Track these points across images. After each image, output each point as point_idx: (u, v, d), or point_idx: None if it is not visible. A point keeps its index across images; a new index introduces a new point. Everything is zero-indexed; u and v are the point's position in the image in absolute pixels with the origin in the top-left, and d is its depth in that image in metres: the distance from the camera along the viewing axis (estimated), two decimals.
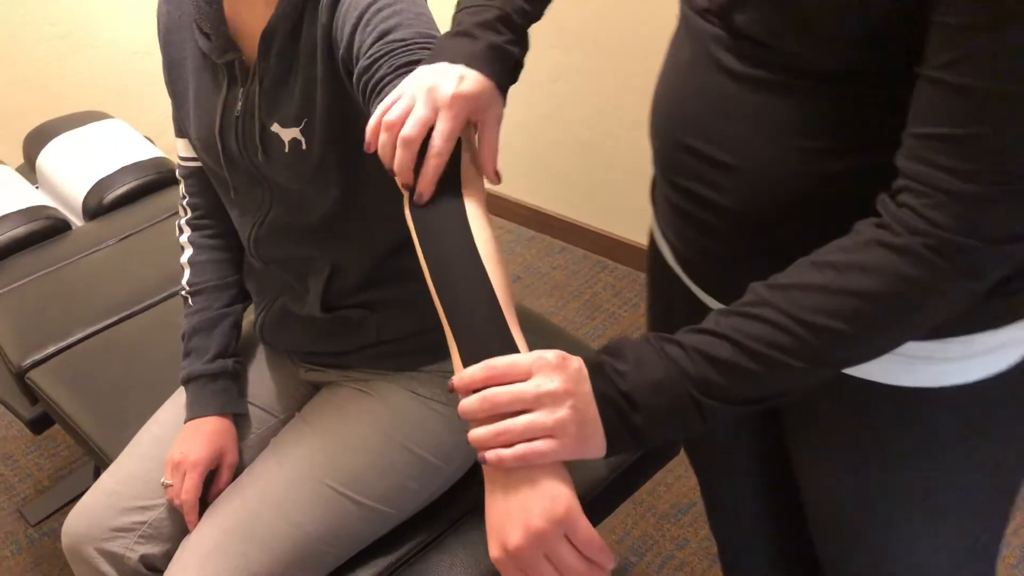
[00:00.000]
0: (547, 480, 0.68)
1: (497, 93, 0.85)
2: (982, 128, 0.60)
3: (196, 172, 1.26)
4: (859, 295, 0.66)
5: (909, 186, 0.64)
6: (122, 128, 2.33)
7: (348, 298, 1.15)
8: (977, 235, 0.63)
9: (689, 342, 0.69)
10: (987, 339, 0.78)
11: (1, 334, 1.74)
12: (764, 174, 0.76)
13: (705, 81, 0.81)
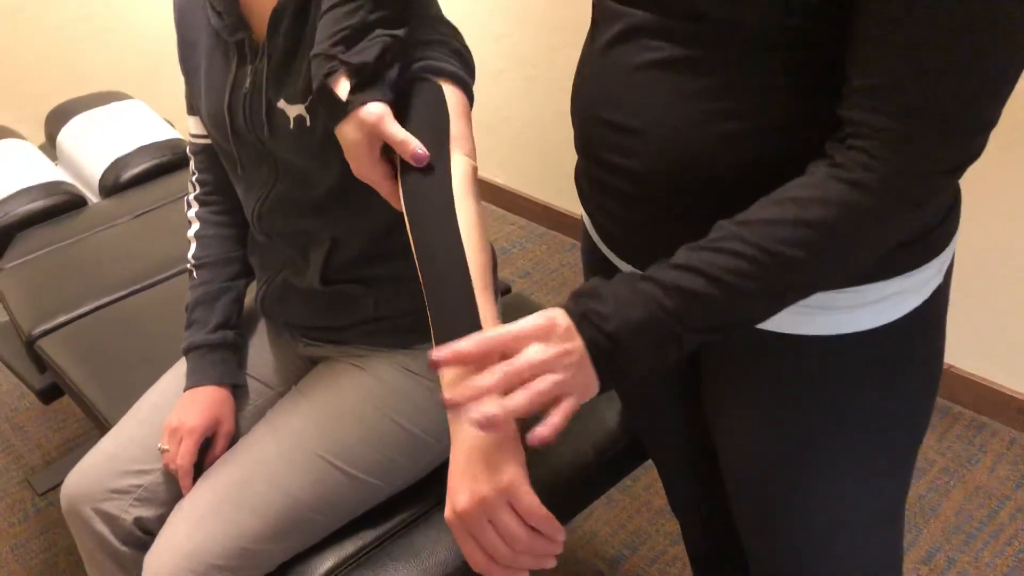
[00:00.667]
0: (498, 451, 0.73)
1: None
2: (907, 75, 0.66)
3: (206, 149, 1.29)
4: (819, 225, 0.70)
5: (855, 131, 0.70)
6: (141, 109, 2.38)
7: (347, 272, 1.18)
8: (917, 168, 0.69)
9: (664, 278, 0.73)
10: (876, 290, 0.84)
11: (14, 303, 1.78)
12: (669, 136, 0.80)
13: (617, 58, 0.85)
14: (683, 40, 0.79)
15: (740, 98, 0.78)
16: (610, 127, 0.87)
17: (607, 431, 1.34)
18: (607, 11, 0.87)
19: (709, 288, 0.72)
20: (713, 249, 0.73)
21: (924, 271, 0.86)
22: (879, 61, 0.67)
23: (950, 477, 1.96)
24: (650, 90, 0.82)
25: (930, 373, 0.94)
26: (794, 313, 0.86)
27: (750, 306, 0.74)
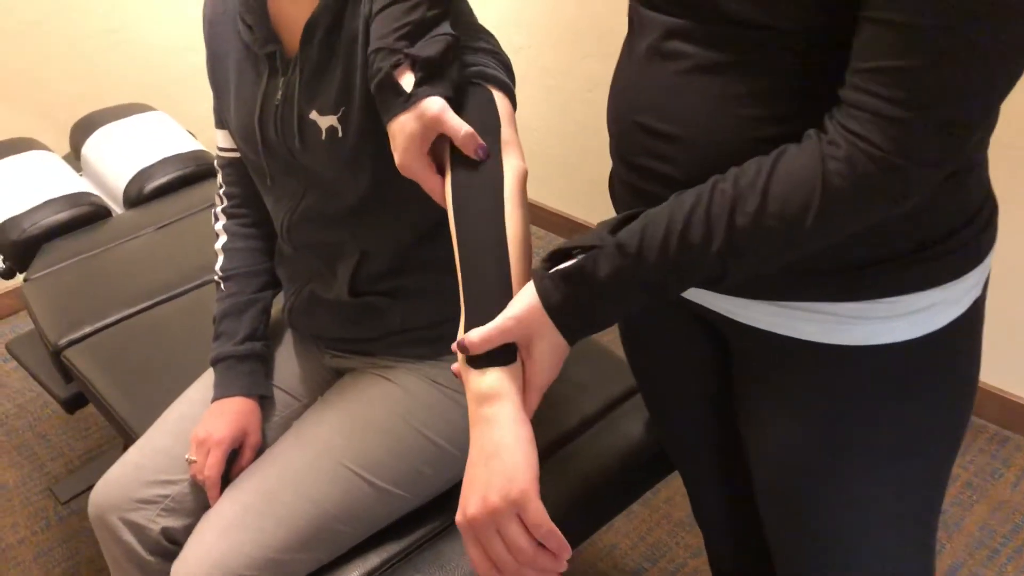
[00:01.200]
0: (512, 460, 0.74)
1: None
2: (911, 61, 0.66)
3: (233, 162, 1.31)
4: (799, 201, 0.72)
5: (851, 112, 0.70)
6: (165, 121, 2.40)
7: (375, 284, 1.19)
8: (906, 155, 0.69)
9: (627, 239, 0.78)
10: (912, 301, 0.84)
11: (40, 313, 1.80)
12: (708, 143, 0.81)
13: (656, 66, 0.86)
14: (721, 45, 0.79)
15: (779, 102, 0.78)
16: (648, 133, 0.87)
17: (631, 444, 1.34)
18: (644, 18, 0.87)
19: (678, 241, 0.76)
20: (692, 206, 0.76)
21: (963, 282, 0.86)
22: (882, 44, 0.68)
23: (973, 491, 1.95)
24: (689, 96, 0.83)
25: (966, 385, 0.93)
26: (830, 323, 0.86)
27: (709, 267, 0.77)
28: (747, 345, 0.97)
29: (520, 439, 0.76)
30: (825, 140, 0.72)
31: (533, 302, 0.79)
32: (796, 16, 0.74)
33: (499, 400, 0.77)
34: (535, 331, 0.80)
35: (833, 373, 0.90)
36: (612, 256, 0.78)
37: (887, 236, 0.82)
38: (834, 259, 0.84)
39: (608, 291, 0.79)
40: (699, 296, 0.96)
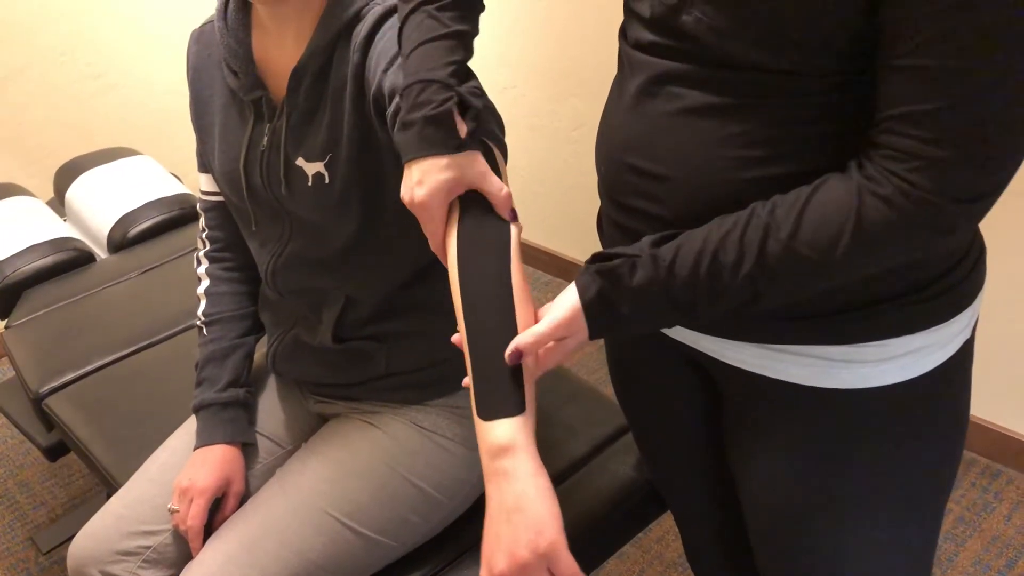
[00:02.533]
0: (537, 513, 0.73)
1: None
2: (940, 103, 0.67)
3: (217, 206, 1.30)
4: (841, 233, 0.72)
5: (888, 154, 0.70)
6: (150, 165, 2.39)
7: (360, 330, 1.17)
8: (946, 194, 0.69)
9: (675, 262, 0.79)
10: (900, 345, 0.84)
11: (21, 361, 1.77)
12: (699, 183, 0.81)
13: (646, 106, 0.86)
14: (714, 88, 0.80)
15: (772, 144, 0.78)
16: (637, 173, 0.87)
17: (621, 485, 1.33)
18: (635, 61, 0.87)
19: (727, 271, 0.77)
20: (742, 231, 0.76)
21: (951, 325, 0.85)
22: (909, 89, 0.68)
23: (966, 526, 1.94)
24: (679, 137, 0.83)
25: (957, 427, 0.93)
26: (819, 366, 0.86)
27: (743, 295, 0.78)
28: (736, 387, 0.96)
29: (541, 490, 0.74)
30: (865, 175, 0.72)
31: (575, 306, 0.81)
32: (802, 61, 0.74)
33: (514, 452, 0.76)
34: (575, 331, 0.81)
35: (822, 416, 0.90)
36: (647, 265, 0.79)
37: (874, 280, 0.82)
38: (822, 303, 0.84)
39: (638, 299, 0.80)
40: (688, 337, 0.96)
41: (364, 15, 1.02)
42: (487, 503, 0.76)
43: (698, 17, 0.77)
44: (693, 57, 0.80)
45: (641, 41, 0.86)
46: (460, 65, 0.89)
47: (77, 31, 2.71)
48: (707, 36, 0.77)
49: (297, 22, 1.07)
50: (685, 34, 0.79)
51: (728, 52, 0.77)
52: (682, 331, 0.96)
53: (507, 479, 0.75)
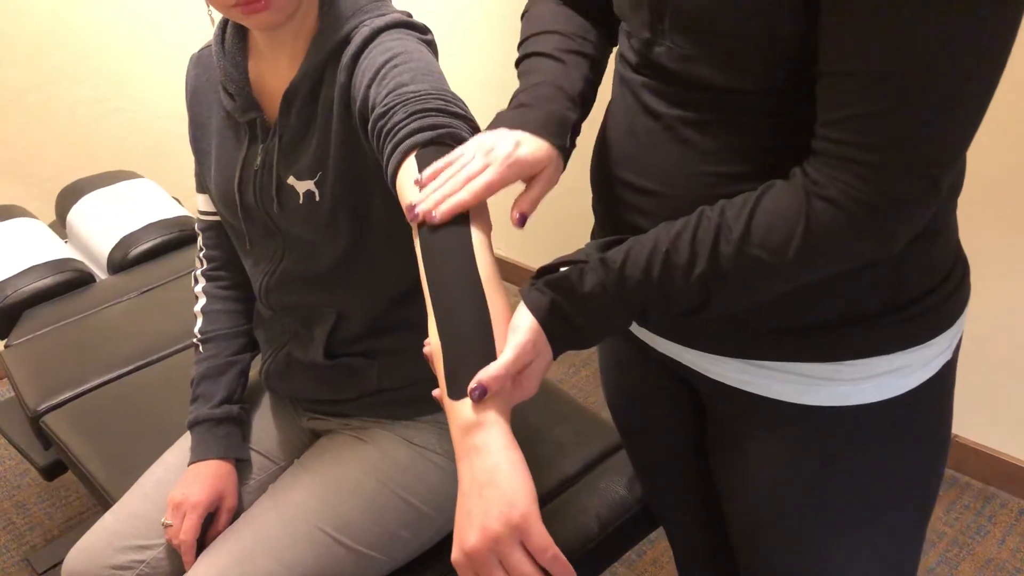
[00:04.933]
0: (510, 485, 0.70)
1: (556, 155, 0.87)
2: (871, 107, 0.69)
3: (214, 226, 1.32)
4: (789, 233, 0.74)
5: (827, 160, 0.73)
6: (150, 187, 2.42)
7: (351, 346, 1.19)
8: (884, 196, 0.71)
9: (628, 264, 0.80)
10: (878, 364, 0.85)
11: (20, 380, 1.79)
12: (681, 197, 0.83)
13: (635, 123, 0.89)
14: (692, 107, 0.82)
15: (742, 159, 0.81)
16: (628, 187, 0.90)
17: (612, 503, 1.34)
18: (625, 80, 0.91)
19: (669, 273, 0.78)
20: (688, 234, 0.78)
21: (931, 346, 0.87)
22: (842, 95, 0.71)
23: (960, 549, 1.94)
24: (662, 152, 0.86)
25: (938, 446, 0.94)
26: (799, 383, 0.88)
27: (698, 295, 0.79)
28: (719, 402, 0.98)
29: (514, 463, 0.71)
30: (810, 179, 0.74)
31: (534, 326, 0.78)
32: (759, 79, 0.77)
33: (486, 426, 0.73)
34: (540, 351, 0.78)
35: (802, 433, 0.91)
36: (597, 270, 0.79)
37: (853, 298, 0.84)
38: (802, 319, 0.85)
39: (591, 305, 0.79)
40: (673, 351, 0.98)
41: (352, 37, 1.05)
42: (459, 483, 0.73)
43: (669, 47, 0.81)
44: (671, 80, 0.83)
45: (630, 65, 0.89)
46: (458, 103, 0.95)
47: (82, 55, 2.75)
48: (677, 63, 0.81)
49: (291, 46, 1.09)
50: (660, 62, 0.83)
51: (697, 75, 0.80)
52: (668, 345, 0.98)
53: (479, 454, 0.72)
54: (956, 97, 0.68)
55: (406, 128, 0.91)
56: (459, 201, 0.81)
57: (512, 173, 0.83)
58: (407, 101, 0.94)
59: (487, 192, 0.82)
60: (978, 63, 0.67)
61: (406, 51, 1.01)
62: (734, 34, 0.76)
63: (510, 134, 0.85)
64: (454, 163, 0.84)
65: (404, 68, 0.98)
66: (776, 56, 0.75)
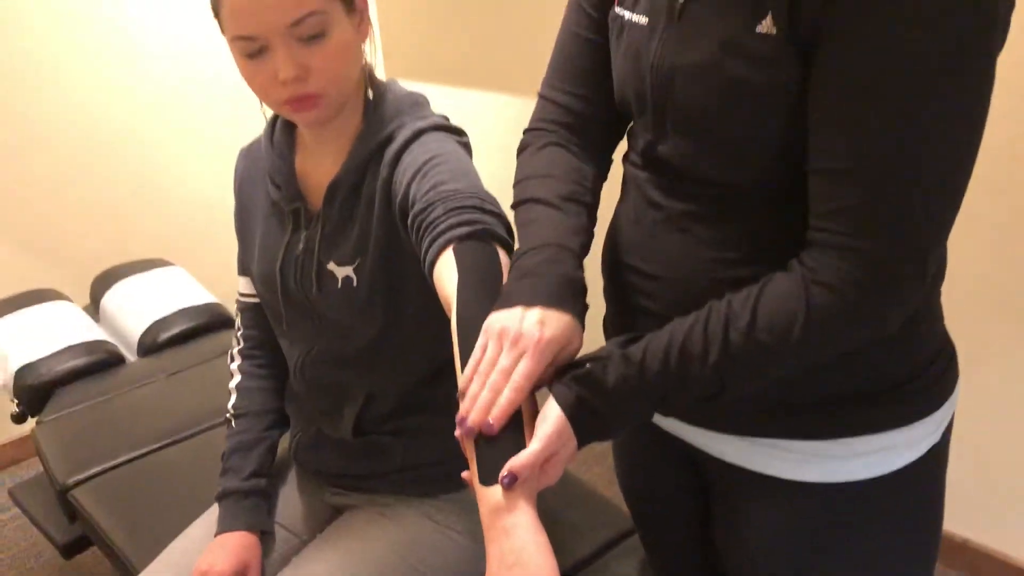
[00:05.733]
0: (536, 565, 0.76)
1: (578, 324, 0.89)
2: (853, 200, 0.77)
3: (253, 307, 1.40)
4: (791, 317, 0.80)
5: (822, 249, 0.80)
6: (181, 275, 2.52)
7: (379, 424, 1.25)
8: (872, 280, 0.78)
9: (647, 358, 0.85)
10: (865, 443, 0.91)
11: (50, 455, 1.85)
12: (681, 282, 0.91)
13: (641, 214, 0.97)
14: (692, 200, 0.91)
15: (740, 246, 0.89)
16: (635, 272, 0.98)
17: None
18: (632, 177, 1.00)
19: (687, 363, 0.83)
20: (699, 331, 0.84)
21: (918, 427, 0.93)
22: (828, 189, 0.79)
23: None
24: (667, 241, 0.94)
25: (927, 527, 0.99)
26: (792, 460, 0.93)
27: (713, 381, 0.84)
28: (720, 478, 1.03)
29: (540, 545, 0.77)
30: (807, 267, 0.81)
31: (560, 418, 0.82)
32: (753, 175, 0.86)
33: (515, 511, 0.78)
34: (565, 441, 0.83)
35: (797, 508, 0.97)
36: (619, 365, 0.85)
37: (843, 379, 0.90)
38: (796, 398, 0.92)
39: (615, 397, 0.84)
40: (677, 429, 1.04)
41: (395, 136, 1.15)
42: (488, 563, 0.78)
43: (672, 146, 0.91)
44: (672, 175, 0.92)
45: (637, 163, 0.98)
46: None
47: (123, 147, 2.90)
48: (679, 160, 0.90)
49: (335, 143, 1.19)
50: (664, 159, 0.92)
51: (696, 171, 0.89)
52: (672, 423, 1.04)
53: (507, 536, 0.77)
54: (931, 187, 0.76)
55: (444, 223, 1.00)
56: (509, 402, 0.82)
57: (546, 357, 0.84)
58: (446, 199, 1.02)
59: (530, 384, 0.83)
60: (949, 156, 0.76)
61: (445, 152, 1.11)
62: (729, 134, 0.85)
63: (531, 314, 0.85)
64: (484, 361, 0.85)
65: (443, 168, 1.07)
66: (768, 154, 0.84)
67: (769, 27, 0.79)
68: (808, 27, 0.77)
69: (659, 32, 0.89)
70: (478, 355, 0.85)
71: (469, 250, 0.96)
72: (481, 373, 0.84)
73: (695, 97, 0.86)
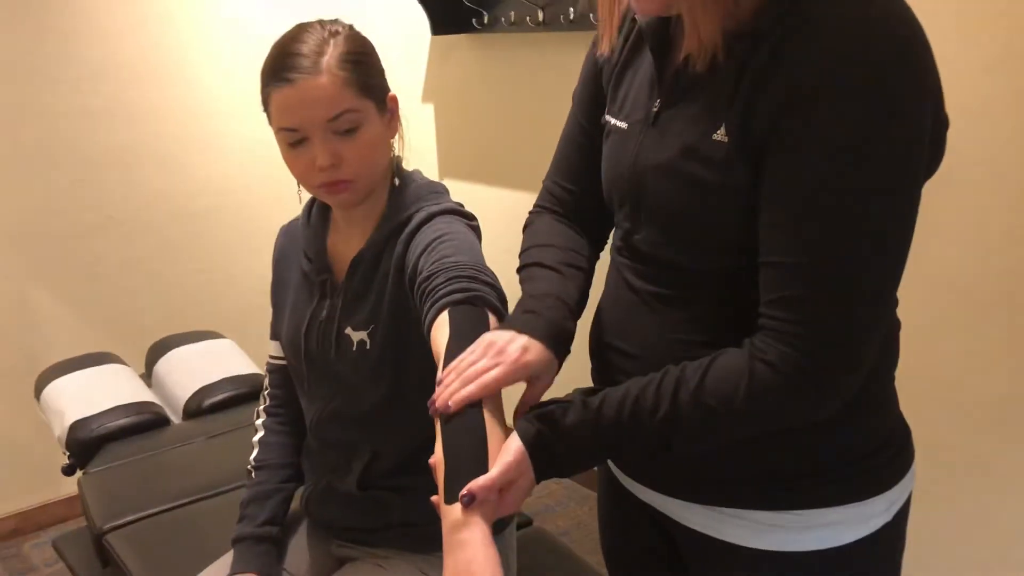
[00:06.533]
0: (483, 570, 0.85)
1: (555, 362, 1.03)
2: (796, 291, 0.87)
3: (280, 369, 1.53)
4: (735, 387, 0.90)
5: (768, 333, 0.90)
6: (229, 347, 2.69)
7: (382, 480, 1.36)
8: (812, 362, 0.88)
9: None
10: (818, 516, 0.99)
11: (91, 501, 1.99)
12: (657, 359, 0.99)
13: (620, 296, 1.09)
14: (664, 284, 1.02)
15: (704, 329, 0.99)
16: (616, 352, 1.09)
17: None
18: (614, 262, 1.12)
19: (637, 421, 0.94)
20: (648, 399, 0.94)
21: (867, 505, 1.00)
22: (775, 280, 0.89)
23: None
24: (642, 321, 1.05)
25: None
26: (752, 528, 1.02)
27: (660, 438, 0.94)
28: (689, 545, 1.11)
29: (490, 558, 0.86)
30: (755, 347, 0.91)
31: (519, 448, 0.94)
32: (713, 262, 0.97)
33: (470, 527, 0.87)
34: (523, 471, 0.94)
35: (761, 573, 1.04)
36: (577, 409, 0.96)
37: (797, 454, 0.99)
38: (754, 470, 1.01)
39: (570, 437, 0.95)
40: (650, 497, 1.12)
41: (412, 218, 1.29)
42: (444, 571, 0.88)
43: (644, 235, 1.03)
44: (646, 261, 1.04)
45: (618, 250, 1.11)
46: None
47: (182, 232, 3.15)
48: (652, 248, 1.02)
49: (363, 223, 1.35)
50: (638, 247, 1.04)
51: (665, 258, 1.01)
52: (646, 492, 1.13)
53: (462, 548, 0.87)
54: (860, 284, 0.87)
55: (443, 290, 1.13)
56: (468, 393, 0.96)
57: (518, 375, 0.99)
58: (447, 269, 1.16)
59: (495, 387, 0.97)
60: (877, 257, 0.87)
61: (453, 232, 1.25)
62: (691, 226, 0.97)
63: (519, 338, 1.01)
64: (465, 360, 1.00)
65: (449, 244, 1.22)
66: (725, 244, 0.95)
67: (722, 136, 0.92)
68: (757, 138, 0.89)
69: (636, 135, 1.03)
70: (463, 356, 1.00)
71: (462, 313, 1.09)
72: (458, 369, 0.99)
73: (662, 193, 0.99)
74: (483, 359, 0.99)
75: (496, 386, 0.97)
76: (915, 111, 0.86)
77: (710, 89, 0.94)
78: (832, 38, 0.84)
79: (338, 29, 1.26)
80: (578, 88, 1.20)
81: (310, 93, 1.20)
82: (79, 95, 2.88)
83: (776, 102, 0.87)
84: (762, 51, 0.88)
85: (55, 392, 2.43)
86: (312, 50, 1.21)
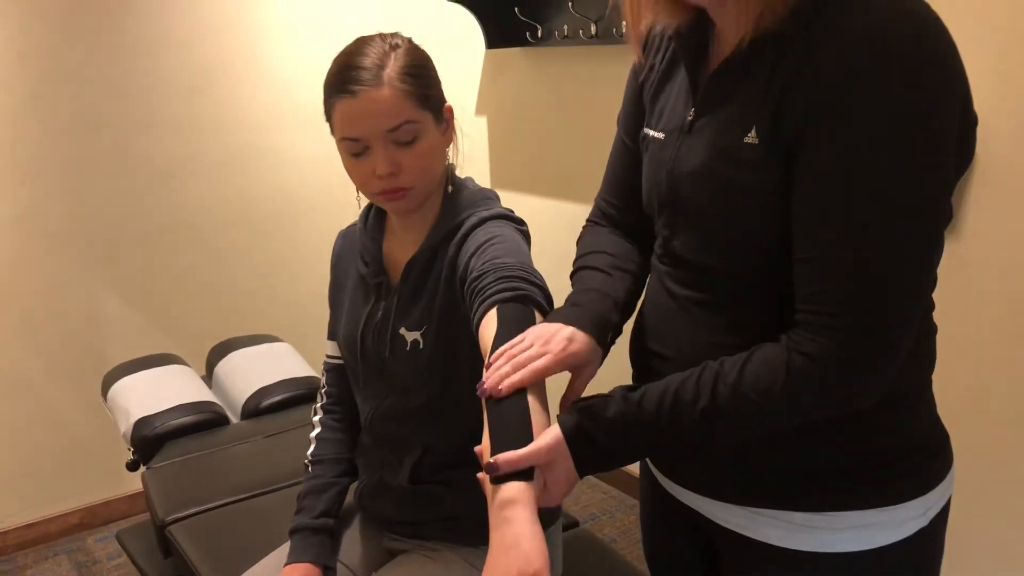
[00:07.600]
0: (530, 548, 0.88)
1: (600, 353, 1.09)
2: (832, 284, 0.90)
3: (337, 368, 1.60)
4: (773, 379, 0.93)
5: (805, 326, 0.92)
6: (287, 350, 2.77)
7: (433, 474, 1.42)
8: (848, 354, 0.90)
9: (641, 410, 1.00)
10: (853, 517, 1.01)
11: (154, 495, 2.07)
12: (689, 363, 1.02)
13: (660, 303, 1.12)
14: (700, 288, 1.06)
15: (738, 331, 1.02)
16: (656, 357, 1.12)
17: None
18: (655, 268, 1.16)
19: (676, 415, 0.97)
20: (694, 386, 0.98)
21: (902, 509, 1.02)
22: (811, 275, 0.92)
23: None
24: (675, 325, 1.09)
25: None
26: (788, 529, 1.04)
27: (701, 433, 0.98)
28: (726, 545, 1.14)
29: (535, 534, 0.89)
30: (792, 340, 0.94)
31: (557, 434, 0.98)
32: (749, 264, 1.00)
33: (517, 505, 0.91)
34: (555, 458, 0.98)
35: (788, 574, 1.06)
36: (618, 402, 1.00)
37: (827, 454, 1.01)
38: (791, 470, 1.03)
39: (611, 429, 0.99)
40: (689, 499, 1.15)
41: (464, 223, 1.35)
42: (490, 547, 0.91)
43: (682, 240, 1.07)
44: (683, 266, 1.08)
45: (658, 257, 1.15)
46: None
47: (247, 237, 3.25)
48: (688, 253, 1.06)
49: (417, 229, 1.40)
50: (677, 252, 1.08)
51: (704, 262, 1.04)
52: (686, 493, 1.15)
53: (509, 524, 0.90)
54: (894, 277, 0.89)
55: (493, 288, 1.18)
56: (519, 378, 1.01)
57: (564, 364, 1.04)
58: (497, 269, 1.21)
59: (541, 376, 1.03)
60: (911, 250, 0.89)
61: (503, 235, 1.30)
62: (725, 229, 1.01)
63: (566, 329, 1.06)
64: (516, 347, 1.05)
65: (499, 247, 1.27)
66: (759, 246, 0.99)
67: (754, 138, 0.96)
68: (788, 139, 0.93)
69: (673, 144, 1.07)
70: (513, 342, 1.05)
71: (510, 309, 1.15)
72: (508, 354, 1.04)
73: (697, 197, 1.03)
74: (532, 348, 1.04)
75: (544, 373, 1.02)
76: (944, 110, 0.89)
77: (742, 94, 0.98)
78: (861, 40, 0.87)
79: (398, 42, 1.32)
80: (621, 109, 1.24)
81: (372, 105, 1.26)
82: (148, 107, 3.00)
83: (807, 103, 0.90)
84: (792, 54, 0.92)
85: (121, 391, 2.53)
86: (374, 63, 1.27)
